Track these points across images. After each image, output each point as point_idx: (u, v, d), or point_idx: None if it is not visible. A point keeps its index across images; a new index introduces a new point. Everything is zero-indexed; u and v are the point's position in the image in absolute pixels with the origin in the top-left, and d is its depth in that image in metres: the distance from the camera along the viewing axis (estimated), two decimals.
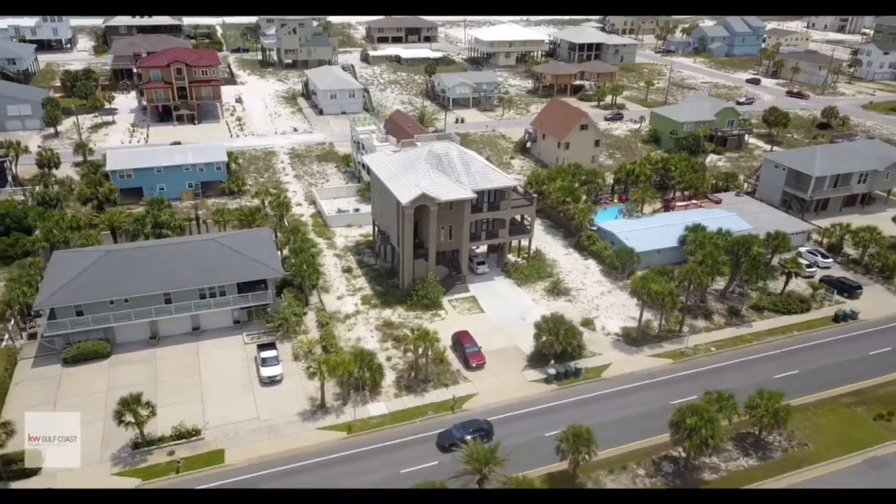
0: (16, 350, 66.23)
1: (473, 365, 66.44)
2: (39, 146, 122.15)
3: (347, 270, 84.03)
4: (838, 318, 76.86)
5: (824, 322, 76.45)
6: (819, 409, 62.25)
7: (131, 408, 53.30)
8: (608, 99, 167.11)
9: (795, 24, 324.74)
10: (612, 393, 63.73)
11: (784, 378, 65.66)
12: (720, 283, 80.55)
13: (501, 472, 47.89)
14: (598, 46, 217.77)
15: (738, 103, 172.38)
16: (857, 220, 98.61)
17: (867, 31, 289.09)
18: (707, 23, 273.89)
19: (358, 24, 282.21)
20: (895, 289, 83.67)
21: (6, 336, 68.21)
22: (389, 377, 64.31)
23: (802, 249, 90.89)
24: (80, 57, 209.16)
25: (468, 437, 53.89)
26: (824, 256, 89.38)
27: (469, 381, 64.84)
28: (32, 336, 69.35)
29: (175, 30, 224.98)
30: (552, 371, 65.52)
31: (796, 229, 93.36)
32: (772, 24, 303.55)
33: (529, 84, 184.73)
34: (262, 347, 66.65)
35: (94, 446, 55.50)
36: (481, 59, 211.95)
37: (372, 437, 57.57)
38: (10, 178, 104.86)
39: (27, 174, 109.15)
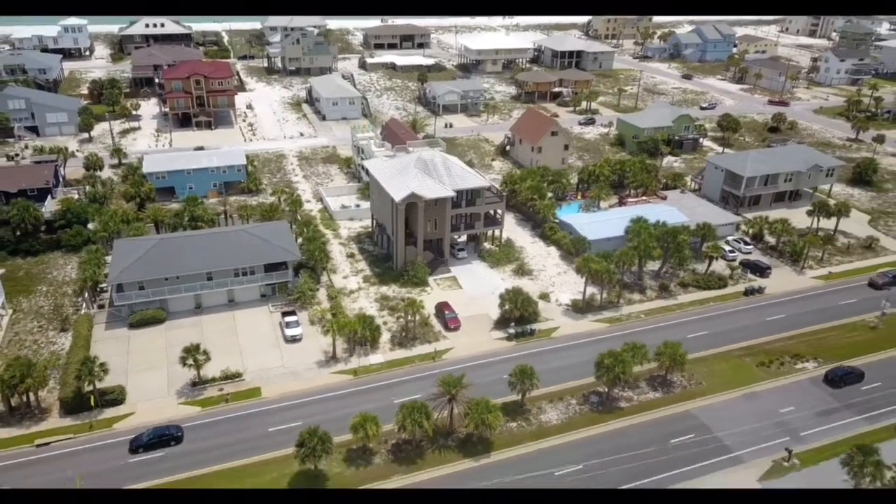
0: (92, 316, 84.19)
1: (451, 327, 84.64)
2: (78, 150, 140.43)
3: (351, 255, 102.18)
4: (748, 292, 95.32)
5: (736, 296, 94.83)
6: (716, 360, 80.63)
7: (192, 354, 71.40)
8: (584, 105, 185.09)
9: (769, 29, 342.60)
10: (558, 348, 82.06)
11: (695, 337, 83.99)
12: (657, 265, 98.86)
13: (467, 394, 66.16)
14: (579, 53, 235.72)
15: (702, 108, 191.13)
16: (783, 213, 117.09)
17: (836, 34, 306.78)
18: (682, 30, 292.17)
19: (356, 30, 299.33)
20: (799, 269, 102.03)
21: (83, 305, 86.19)
22: (385, 336, 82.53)
23: (729, 238, 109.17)
24: (98, 64, 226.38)
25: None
26: (746, 243, 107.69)
27: (448, 339, 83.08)
28: (101, 306, 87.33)
29: (185, 38, 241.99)
30: (512, 331, 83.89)
31: (725, 221, 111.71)
32: (744, 30, 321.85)
33: (513, 90, 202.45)
34: (285, 314, 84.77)
35: (161, 386, 73.60)
36: (470, 66, 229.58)
37: (372, 378, 75.84)
38: (61, 179, 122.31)
39: (72, 175, 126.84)
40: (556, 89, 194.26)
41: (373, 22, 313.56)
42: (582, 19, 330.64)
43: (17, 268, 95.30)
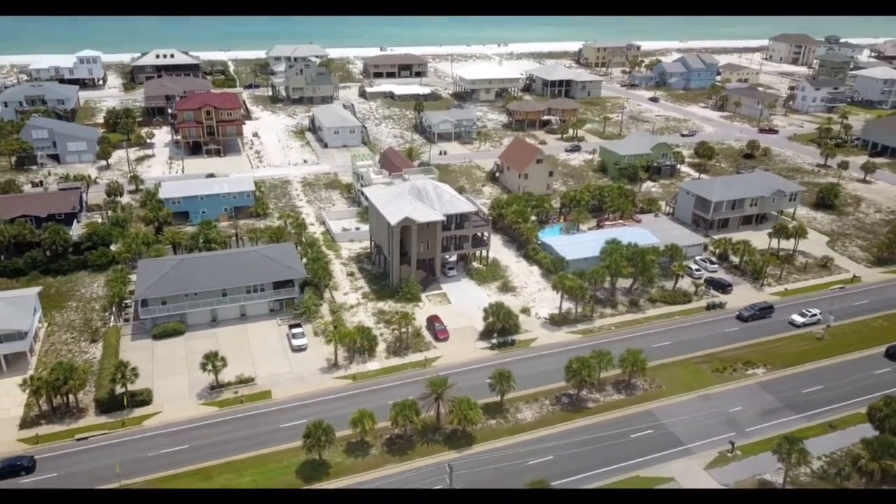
0: (119, 328, 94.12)
1: (441, 338, 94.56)
2: (98, 177, 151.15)
3: (351, 274, 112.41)
4: (710, 307, 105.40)
5: (699, 310, 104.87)
6: (676, 366, 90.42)
7: (212, 360, 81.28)
8: (570, 132, 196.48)
9: (754, 56, 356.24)
10: (535, 357, 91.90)
11: (659, 347, 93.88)
12: (628, 283, 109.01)
13: (451, 393, 75.94)
14: (568, 82, 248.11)
15: (682, 135, 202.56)
16: (749, 235, 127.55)
17: (817, 62, 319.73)
18: (668, 58, 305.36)
19: (356, 59, 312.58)
20: (759, 286, 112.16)
21: (111, 319, 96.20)
22: (381, 346, 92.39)
23: (697, 257, 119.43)
24: (111, 93, 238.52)
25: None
26: (712, 263, 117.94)
27: (437, 348, 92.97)
28: (126, 320, 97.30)
29: (194, 68, 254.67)
30: (494, 342, 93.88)
31: (693, 242, 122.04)
32: (729, 58, 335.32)
33: (505, 118, 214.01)
34: (292, 327, 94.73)
35: (183, 389, 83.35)
36: (465, 95, 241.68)
37: (370, 383, 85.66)
38: (84, 204, 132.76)
39: (93, 201, 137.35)
40: (545, 117, 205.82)
41: (372, 51, 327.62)
42: (573, 47, 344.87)
43: (49, 286, 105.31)
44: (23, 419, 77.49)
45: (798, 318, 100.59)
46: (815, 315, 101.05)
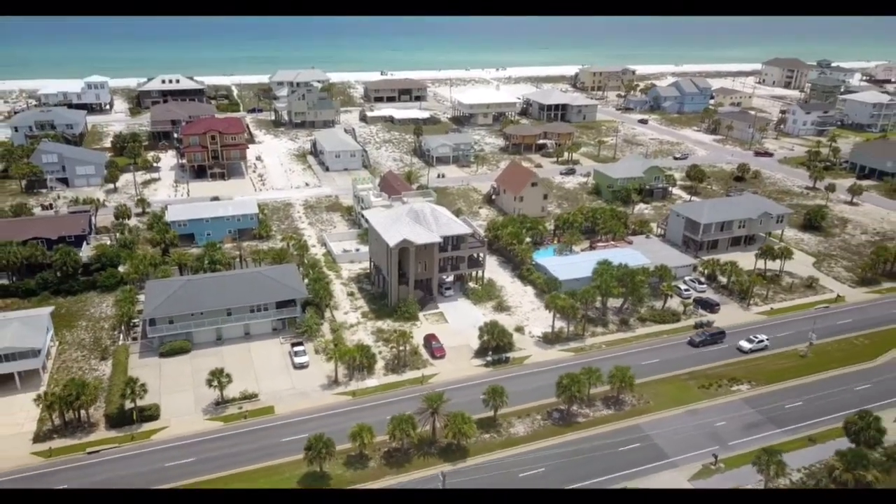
0: (128, 347, 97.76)
1: (437, 356, 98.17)
2: (105, 200, 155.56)
3: (351, 294, 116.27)
4: (697, 325, 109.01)
5: (687, 329, 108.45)
6: (664, 383, 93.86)
7: (217, 377, 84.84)
8: (565, 156, 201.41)
9: (748, 80, 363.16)
10: (528, 374, 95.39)
11: (647, 364, 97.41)
12: (620, 302, 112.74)
13: (447, 408, 79.39)
14: (564, 107, 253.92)
15: (675, 158, 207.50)
16: (738, 256, 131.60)
17: (808, 86, 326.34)
18: (662, 82, 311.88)
19: (357, 83, 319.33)
20: (746, 306, 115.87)
21: (120, 337, 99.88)
22: (380, 363, 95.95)
23: (686, 278, 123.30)
24: (117, 118, 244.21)
25: None
26: (700, 283, 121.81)
27: (434, 366, 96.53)
28: (134, 339, 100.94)
29: (199, 93, 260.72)
30: (489, 359, 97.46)
31: (683, 263, 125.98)
32: (722, 82, 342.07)
33: (502, 142, 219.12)
34: (294, 345, 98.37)
35: (190, 405, 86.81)
36: (463, 119, 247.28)
37: (369, 399, 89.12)
38: (93, 227, 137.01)
39: (101, 223, 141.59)
40: (541, 141, 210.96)
41: (373, 76, 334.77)
42: (570, 71, 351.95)
43: (59, 306, 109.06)
44: (36, 433, 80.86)
45: (745, 344, 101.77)
46: (761, 341, 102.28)
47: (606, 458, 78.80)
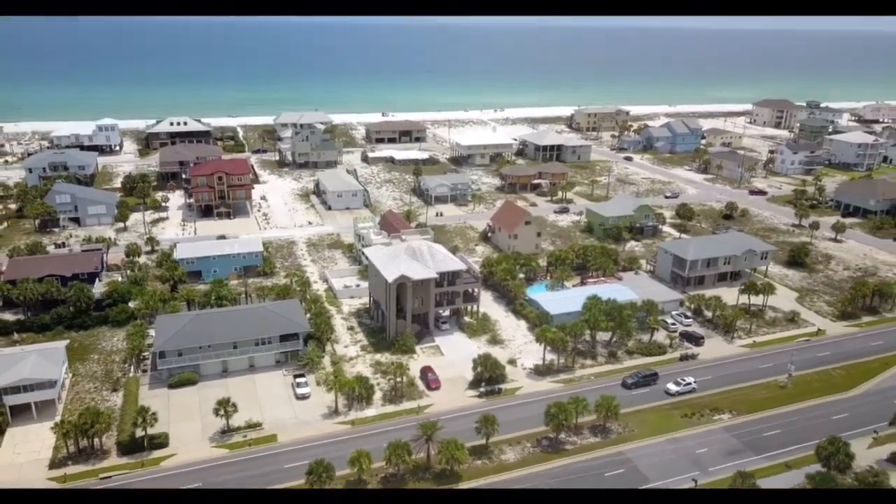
0: (138, 378, 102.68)
1: (433, 387, 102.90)
2: (115, 238, 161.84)
3: (351, 328, 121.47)
4: (683, 358, 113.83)
5: (672, 361, 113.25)
6: (649, 412, 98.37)
7: (224, 406, 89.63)
8: (559, 195, 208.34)
9: (739, 120, 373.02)
10: (519, 403, 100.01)
11: (634, 394, 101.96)
12: (609, 335, 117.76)
13: (440, 435, 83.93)
14: (559, 147, 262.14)
15: (666, 196, 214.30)
16: (724, 291, 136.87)
17: (798, 125, 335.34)
18: (655, 122, 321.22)
19: (359, 124, 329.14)
20: (730, 339, 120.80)
21: (130, 370, 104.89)
22: (378, 394, 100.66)
23: (673, 312, 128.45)
24: (127, 159, 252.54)
25: None
26: (687, 317, 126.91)
27: (430, 396, 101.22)
28: (144, 371, 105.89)
29: (205, 134, 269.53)
30: (482, 390, 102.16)
31: (670, 298, 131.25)
32: (714, 122, 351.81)
33: (498, 182, 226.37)
34: (296, 376, 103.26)
35: (197, 433, 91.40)
36: (461, 160, 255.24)
37: (367, 428, 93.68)
38: (104, 264, 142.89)
39: (112, 261, 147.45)
40: (536, 181, 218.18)
41: (374, 117, 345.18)
42: (566, 112, 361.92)
43: (73, 339, 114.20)
44: (52, 460, 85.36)
45: (672, 387, 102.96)
46: (689, 384, 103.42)
47: (592, 483, 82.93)
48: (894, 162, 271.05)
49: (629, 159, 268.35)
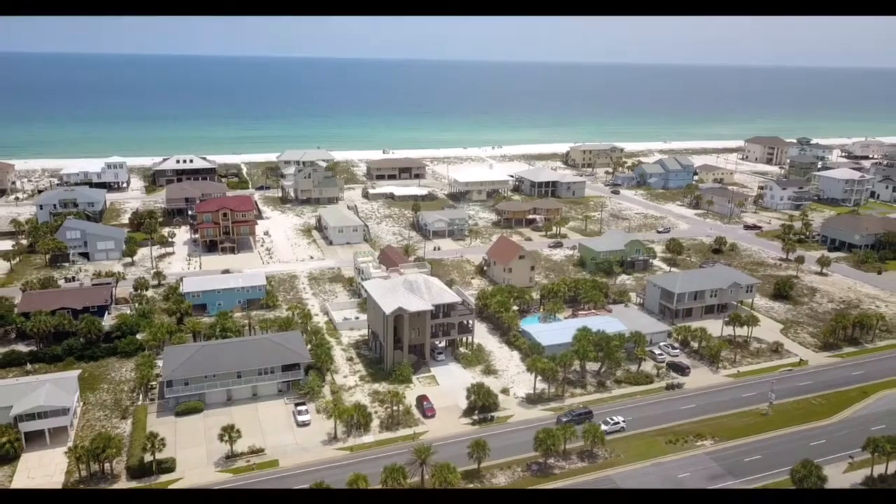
0: (146, 407, 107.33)
1: (429, 415, 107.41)
2: (123, 273, 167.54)
3: (350, 359, 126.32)
4: (669, 387, 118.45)
5: (659, 390, 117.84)
6: (634, 438, 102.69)
7: (228, 432, 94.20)
8: (554, 230, 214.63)
9: (732, 156, 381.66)
10: (511, 430, 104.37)
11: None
12: (598, 365, 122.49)
13: (434, 459, 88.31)
14: (554, 183, 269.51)
15: (658, 231, 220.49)
16: (711, 323, 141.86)
17: (788, 161, 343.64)
18: (649, 159, 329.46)
19: (360, 161, 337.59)
20: (715, 369, 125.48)
21: (139, 398, 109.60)
22: (375, 421, 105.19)
23: (661, 343, 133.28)
24: (134, 195, 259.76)
25: None
26: (674, 348, 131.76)
27: (425, 424, 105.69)
28: (152, 399, 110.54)
29: (210, 171, 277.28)
30: (476, 418, 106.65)
31: (658, 329, 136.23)
32: (706, 158, 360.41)
33: (494, 217, 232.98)
34: (297, 405, 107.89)
35: (202, 458, 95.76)
36: (459, 196, 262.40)
37: (365, 453, 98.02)
38: (113, 297, 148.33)
39: (120, 294, 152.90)
40: (531, 216, 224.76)
41: (376, 154, 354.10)
42: (562, 149, 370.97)
43: (83, 370, 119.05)
44: (64, 484, 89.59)
45: (602, 427, 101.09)
46: (618, 423, 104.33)
47: None
48: (881, 197, 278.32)
49: (616, 192, 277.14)
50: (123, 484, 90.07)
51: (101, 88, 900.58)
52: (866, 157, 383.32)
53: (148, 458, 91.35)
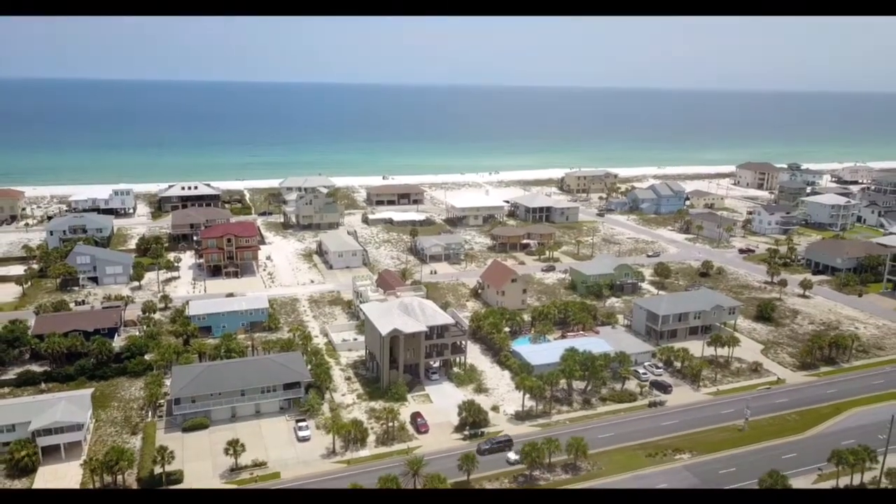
0: (155, 423, 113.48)
1: (422, 431, 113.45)
2: (131, 297, 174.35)
3: (348, 378, 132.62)
4: (651, 404, 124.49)
5: (643, 407, 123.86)
6: (616, 452, 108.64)
7: (233, 446, 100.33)
8: (547, 254, 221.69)
9: (724, 181, 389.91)
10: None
11: (604, 437, 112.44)
12: (584, 384, 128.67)
13: (426, 471, 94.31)
14: (549, 209, 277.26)
15: (648, 256, 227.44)
16: (695, 344, 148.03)
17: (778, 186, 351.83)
18: (642, 185, 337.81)
19: (360, 187, 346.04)
20: (696, 387, 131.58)
21: (148, 415, 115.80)
22: (371, 437, 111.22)
23: (646, 363, 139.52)
24: (140, 221, 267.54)
25: None
26: (658, 367, 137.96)
27: (418, 439, 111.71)
28: (160, 417, 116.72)
29: (214, 198, 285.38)
30: (467, 433, 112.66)
31: (642, 350, 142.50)
32: (699, 183, 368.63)
33: (490, 242, 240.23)
34: (298, 421, 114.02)
35: (208, 471, 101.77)
36: (455, 221, 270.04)
37: (361, 466, 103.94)
38: (122, 320, 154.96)
39: (128, 317, 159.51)
40: (525, 241, 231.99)
41: (375, 179, 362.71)
42: (557, 174, 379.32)
43: (95, 388, 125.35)
44: None
45: (512, 456, 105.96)
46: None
47: None
48: (867, 222, 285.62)
49: (601, 215, 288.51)
50: None
51: (107, 115, 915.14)
52: (855, 182, 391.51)
53: (157, 470, 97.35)
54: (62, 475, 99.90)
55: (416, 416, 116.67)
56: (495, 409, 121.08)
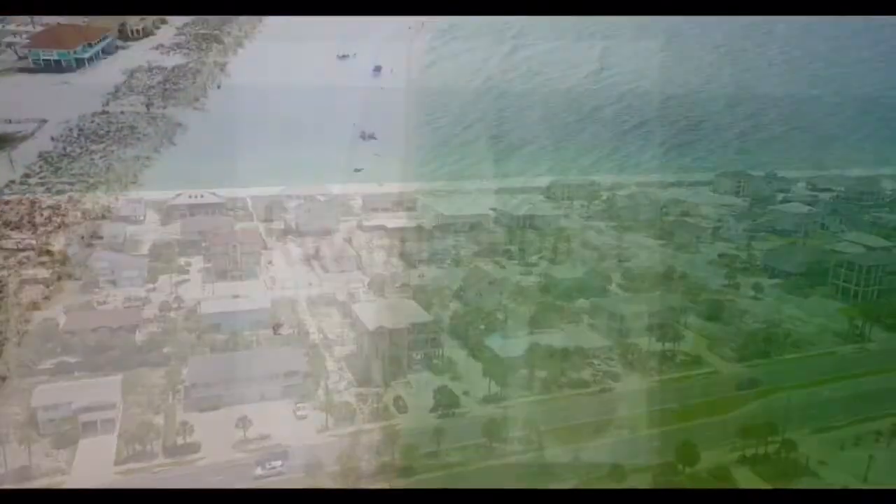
0: (174, 405, 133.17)
1: (401, 412, 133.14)
2: (146, 298, 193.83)
3: (340, 368, 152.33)
4: (602, 391, 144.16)
5: (594, 392, 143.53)
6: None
7: (242, 422, 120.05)
8: (528, 259, 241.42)
9: (705, 189, 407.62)
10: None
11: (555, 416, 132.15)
12: None
13: (402, 442, 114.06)
14: (532, 216, 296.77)
15: (619, 261, 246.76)
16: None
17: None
18: (622, 193, 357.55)
19: (356, 194, 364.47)
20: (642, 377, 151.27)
21: (170, 398, 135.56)
22: (359, 416, 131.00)
23: (602, 356, 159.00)
24: (150, 228, 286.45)
25: None
26: (611, 360, 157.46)
27: (399, 418, 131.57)
28: (179, 400, 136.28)
29: (219, 206, 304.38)
30: (440, 412, 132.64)
31: (599, 345, 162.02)
32: (675, 193, 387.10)
33: (476, 247, 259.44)
34: (297, 403, 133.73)
35: (221, 442, 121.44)
36: (444, 227, 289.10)
37: (349, 441, 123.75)
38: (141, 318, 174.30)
39: (145, 316, 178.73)
40: (508, 247, 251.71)
41: (371, 188, 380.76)
42: (544, 182, 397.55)
43: (122, 376, 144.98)
44: (115, 461, 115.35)
45: (259, 471, 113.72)
46: (274, 467, 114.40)
47: None
48: (831, 228, 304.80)
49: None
50: (161, 460, 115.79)
51: None
52: (829, 190, 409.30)
53: (180, 441, 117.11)
54: (99, 446, 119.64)
55: (397, 399, 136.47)
56: (466, 393, 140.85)
